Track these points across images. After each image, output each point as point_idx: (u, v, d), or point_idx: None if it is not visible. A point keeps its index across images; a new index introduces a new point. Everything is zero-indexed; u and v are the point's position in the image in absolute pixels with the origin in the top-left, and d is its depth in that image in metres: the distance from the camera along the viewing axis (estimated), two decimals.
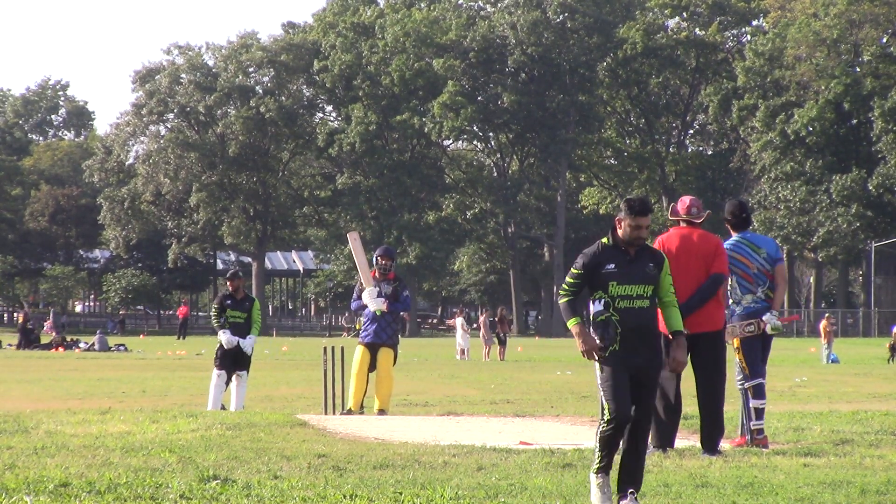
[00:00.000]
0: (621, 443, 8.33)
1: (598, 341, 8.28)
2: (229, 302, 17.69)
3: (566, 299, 8.40)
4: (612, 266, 8.30)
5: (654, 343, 8.36)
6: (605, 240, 8.45)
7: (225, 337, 17.45)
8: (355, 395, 16.18)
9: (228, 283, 17.80)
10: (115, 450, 11.05)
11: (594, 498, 8.39)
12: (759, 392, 11.76)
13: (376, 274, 16.56)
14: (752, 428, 11.77)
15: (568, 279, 8.39)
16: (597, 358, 8.26)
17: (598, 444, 8.34)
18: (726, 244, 11.82)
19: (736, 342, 11.81)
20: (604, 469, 8.36)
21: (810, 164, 79.46)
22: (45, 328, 63.45)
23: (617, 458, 8.39)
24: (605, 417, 8.26)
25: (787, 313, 13.31)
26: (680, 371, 8.95)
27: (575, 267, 8.39)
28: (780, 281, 11.96)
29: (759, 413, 11.77)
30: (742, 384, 11.85)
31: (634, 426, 8.32)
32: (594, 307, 8.35)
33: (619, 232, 8.41)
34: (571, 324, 8.30)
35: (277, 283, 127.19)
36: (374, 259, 16.73)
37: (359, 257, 16.75)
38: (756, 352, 11.81)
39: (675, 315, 8.50)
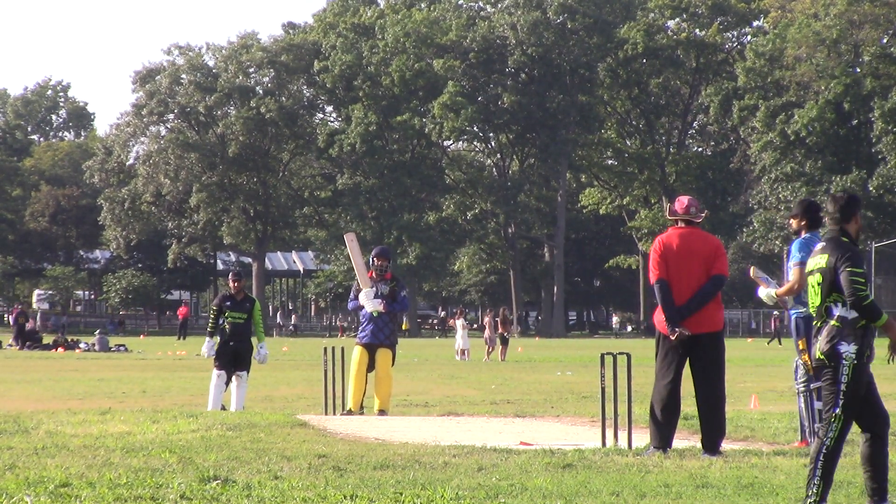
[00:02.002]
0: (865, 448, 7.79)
1: (862, 345, 7.86)
2: (229, 303, 17.71)
3: (871, 298, 7.96)
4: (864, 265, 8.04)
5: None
6: (845, 239, 8.11)
7: (206, 346, 17.69)
8: (354, 396, 16.17)
9: (232, 283, 17.78)
10: (116, 450, 11.05)
11: None
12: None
13: (373, 274, 16.53)
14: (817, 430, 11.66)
15: (861, 280, 7.95)
16: None
17: (819, 468, 7.68)
18: (798, 240, 11.45)
19: (801, 343, 11.50)
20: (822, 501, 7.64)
21: (810, 165, 79.39)
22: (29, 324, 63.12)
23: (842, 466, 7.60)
24: (835, 428, 7.73)
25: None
26: None
27: (858, 266, 7.96)
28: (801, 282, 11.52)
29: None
30: (806, 385, 11.60)
31: (882, 429, 7.86)
32: (851, 313, 7.97)
33: (853, 229, 8.14)
34: (882, 321, 7.94)
35: (277, 283, 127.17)
36: (371, 260, 16.68)
37: (356, 258, 16.74)
38: None
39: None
